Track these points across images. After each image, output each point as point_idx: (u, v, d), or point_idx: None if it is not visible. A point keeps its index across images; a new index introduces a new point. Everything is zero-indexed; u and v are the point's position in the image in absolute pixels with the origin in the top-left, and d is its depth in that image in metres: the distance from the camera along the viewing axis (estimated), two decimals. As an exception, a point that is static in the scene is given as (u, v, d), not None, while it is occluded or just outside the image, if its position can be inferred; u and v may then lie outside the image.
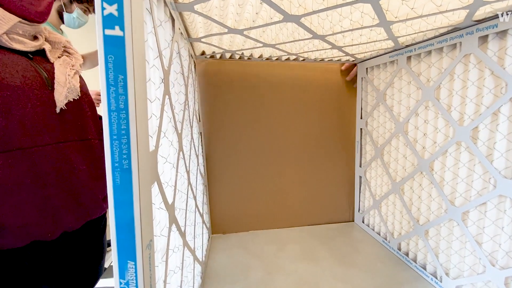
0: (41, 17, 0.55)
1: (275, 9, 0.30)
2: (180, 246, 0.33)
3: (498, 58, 0.36)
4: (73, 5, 0.96)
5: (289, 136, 0.69)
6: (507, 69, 0.34)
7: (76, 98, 0.58)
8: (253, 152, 0.68)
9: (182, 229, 0.35)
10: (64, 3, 0.91)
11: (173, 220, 0.28)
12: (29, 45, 0.53)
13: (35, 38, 0.56)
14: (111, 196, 0.16)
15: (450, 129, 0.43)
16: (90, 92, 0.69)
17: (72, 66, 0.61)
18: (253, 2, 0.31)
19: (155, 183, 0.22)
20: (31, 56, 0.55)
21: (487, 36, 0.37)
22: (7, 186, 0.46)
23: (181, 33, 0.38)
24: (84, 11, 0.99)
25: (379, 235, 0.63)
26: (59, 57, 0.61)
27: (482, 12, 0.34)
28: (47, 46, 0.58)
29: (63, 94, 0.54)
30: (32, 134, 0.49)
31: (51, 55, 0.58)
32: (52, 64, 0.58)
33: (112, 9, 0.14)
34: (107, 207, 0.65)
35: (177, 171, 0.31)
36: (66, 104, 0.55)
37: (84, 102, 0.61)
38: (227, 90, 0.65)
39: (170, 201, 0.27)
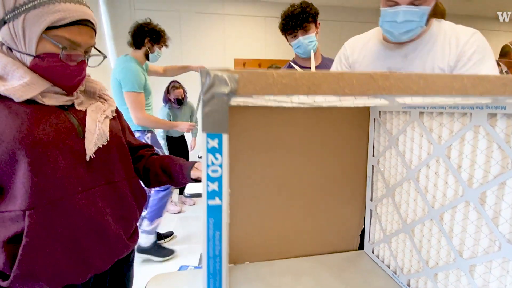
0: (70, 91, 0.59)
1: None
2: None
3: (506, 135, 0.40)
4: (155, 46, 1.55)
5: (302, 168, 0.73)
6: (513, 148, 0.38)
7: (105, 144, 0.60)
8: (266, 183, 0.73)
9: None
10: (148, 48, 1.49)
11: None
12: (61, 100, 0.56)
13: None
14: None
15: (460, 187, 0.47)
16: (183, 126, 0.75)
17: (104, 111, 0.64)
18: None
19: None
20: (66, 107, 0.58)
21: (496, 113, 0.41)
22: (41, 238, 0.49)
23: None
24: (160, 48, 1.56)
25: (389, 268, 0.67)
26: (92, 103, 0.64)
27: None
28: (77, 101, 0.61)
29: (92, 142, 0.57)
30: (63, 185, 0.52)
31: (81, 107, 0.61)
32: (85, 111, 0.61)
33: (214, 186, 0.18)
34: (133, 244, 0.68)
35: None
36: (95, 151, 0.58)
37: (113, 145, 0.63)
38: (243, 131, 0.70)
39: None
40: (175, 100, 2.45)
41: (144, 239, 1.72)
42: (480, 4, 3.00)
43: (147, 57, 1.51)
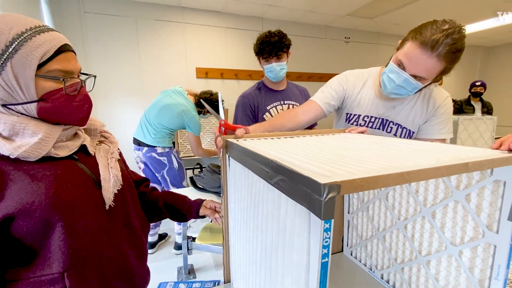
0: (83, 123, 0.58)
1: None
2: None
3: (447, 173, 0.59)
4: (207, 113, 2.09)
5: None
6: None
7: (119, 188, 0.62)
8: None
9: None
10: (204, 112, 2.03)
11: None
12: (72, 147, 0.56)
13: (75, 134, 0.59)
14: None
15: (418, 206, 0.66)
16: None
17: (111, 153, 0.65)
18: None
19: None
20: (76, 157, 0.58)
21: (440, 158, 0.60)
22: None
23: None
24: (207, 113, 2.07)
25: (365, 266, 0.86)
26: (97, 144, 0.65)
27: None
28: (87, 141, 0.61)
29: (110, 191, 0.59)
30: (93, 238, 0.54)
31: (91, 149, 0.62)
32: (95, 157, 0.62)
33: (325, 250, 0.30)
34: (149, 277, 0.72)
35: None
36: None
37: (125, 188, 0.65)
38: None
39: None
40: None
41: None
42: (407, 27, 3.63)
43: (199, 112, 2.03)
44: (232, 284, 0.76)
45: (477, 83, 3.16)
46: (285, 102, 1.48)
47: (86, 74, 0.59)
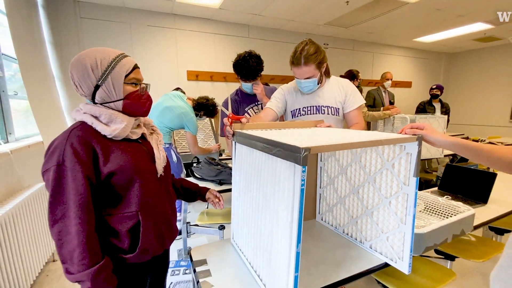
0: (145, 114, 0.85)
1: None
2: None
3: (381, 150, 0.89)
4: (203, 116, 2.28)
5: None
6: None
7: (164, 164, 0.88)
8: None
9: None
10: (200, 115, 2.21)
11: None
12: (138, 133, 0.83)
13: (138, 125, 0.84)
14: None
15: (365, 175, 0.96)
16: (215, 148, 1.05)
17: (160, 141, 0.91)
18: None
19: None
20: (140, 141, 0.83)
21: (378, 141, 0.90)
22: (148, 227, 0.77)
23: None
24: (203, 116, 2.26)
25: (332, 226, 1.15)
26: (151, 134, 0.90)
27: (376, 135, 0.86)
28: (145, 131, 0.87)
29: (160, 164, 0.85)
30: (152, 194, 0.80)
31: (148, 135, 0.87)
32: (149, 142, 0.87)
33: (303, 182, 0.58)
34: (178, 229, 0.97)
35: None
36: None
37: (167, 165, 0.91)
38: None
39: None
40: None
41: None
42: (379, 35, 4.07)
43: (196, 116, 2.24)
44: (233, 236, 1.02)
45: (433, 87, 3.64)
46: (258, 103, 1.79)
47: (145, 84, 0.86)
